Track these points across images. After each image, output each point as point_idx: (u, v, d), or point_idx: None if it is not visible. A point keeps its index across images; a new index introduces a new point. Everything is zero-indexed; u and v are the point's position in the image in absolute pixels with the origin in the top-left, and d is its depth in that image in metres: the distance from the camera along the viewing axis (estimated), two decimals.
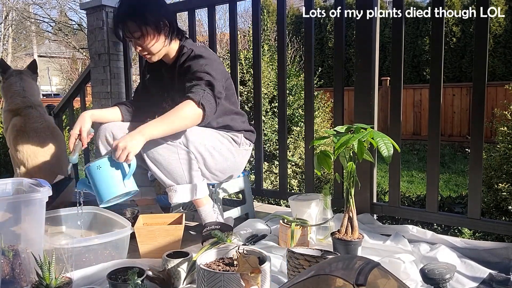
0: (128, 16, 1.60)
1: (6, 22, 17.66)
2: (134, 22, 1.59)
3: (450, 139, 7.73)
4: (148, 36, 1.62)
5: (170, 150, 1.59)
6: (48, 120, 2.24)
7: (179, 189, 1.62)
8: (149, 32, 1.62)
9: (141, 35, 1.61)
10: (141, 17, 1.59)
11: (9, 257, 1.22)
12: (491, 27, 8.34)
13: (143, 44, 1.63)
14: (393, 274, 0.89)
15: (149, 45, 1.64)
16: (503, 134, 2.42)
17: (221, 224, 1.63)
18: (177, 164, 1.61)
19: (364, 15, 1.77)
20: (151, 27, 1.61)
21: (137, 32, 1.61)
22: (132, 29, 1.60)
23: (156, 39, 1.64)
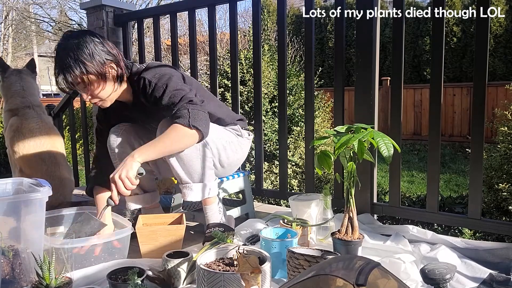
0: (65, 69, 1.44)
1: (6, 21, 17.66)
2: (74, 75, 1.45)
3: (451, 139, 7.73)
4: (97, 84, 1.50)
5: (194, 147, 1.54)
6: (45, 120, 2.23)
7: (194, 188, 1.60)
8: (93, 80, 1.48)
9: (86, 86, 1.49)
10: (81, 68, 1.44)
11: (9, 257, 1.22)
12: (491, 27, 8.33)
13: (91, 93, 1.51)
14: (393, 274, 0.89)
15: (98, 92, 1.52)
16: (504, 134, 2.42)
17: (224, 226, 1.63)
18: (198, 161, 1.57)
19: (364, 15, 1.77)
20: (96, 75, 1.48)
21: (80, 84, 1.48)
22: (75, 81, 1.46)
23: (105, 85, 1.51)
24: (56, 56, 1.48)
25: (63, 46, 1.48)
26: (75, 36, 1.50)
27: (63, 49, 1.47)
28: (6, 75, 2.28)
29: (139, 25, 2.78)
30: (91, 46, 1.47)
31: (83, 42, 1.47)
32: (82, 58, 1.45)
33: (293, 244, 1.37)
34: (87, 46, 1.47)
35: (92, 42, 1.48)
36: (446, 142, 7.62)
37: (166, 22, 9.53)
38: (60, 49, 1.48)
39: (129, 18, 2.83)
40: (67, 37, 1.51)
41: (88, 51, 1.46)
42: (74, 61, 1.44)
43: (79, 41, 1.47)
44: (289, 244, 1.35)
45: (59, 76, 1.46)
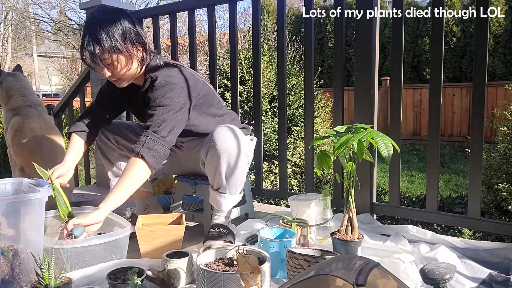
0: (97, 43, 1.45)
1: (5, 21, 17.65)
2: (103, 50, 1.46)
3: (450, 139, 7.74)
4: (120, 64, 1.51)
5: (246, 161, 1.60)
6: (47, 120, 2.23)
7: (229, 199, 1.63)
8: (120, 60, 1.50)
9: (111, 63, 1.50)
10: (112, 44, 1.46)
11: (8, 257, 1.22)
12: (491, 27, 8.34)
13: (113, 70, 1.53)
14: (393, 274, 0.89)
15: (119, 72, 1.53)
16: (503, 134, 2.42)
17: (226, 228, 1.63)
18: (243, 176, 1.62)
19: (364, 15, 1.77)
20: (121, 54, 1.49)
21: (106, 60, 1.49)
22: (102, 56, 1.47)
23: (127, 66, 1.53)
24: (88, 27, 1.49)
25: (97, 18, 1.49)
26: (110, 12, 1.52)
27: (98, 22, 1.48)
28: (2, 77, 2.28)
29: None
30: (125, 25, 1.49)
31: (118, 20, 1.48)
32: (116, 35, 1.46)
33: (291, 244, 1.37)
34: (121, 24, 1.48)
35: (126, 22, 1.50)
36: (445, 142, 7.62)
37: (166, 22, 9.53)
38: (93, 21, 1.50)
39: None
40: (102, 10, 1.52)
41: (122, 29, 1.48)
42: (106, 35, 1.45)
43: (114, 18, 1.49)
44: (287, 244, 1.36)
45: (88, 46, 1.46)
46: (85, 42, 1.48)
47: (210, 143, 1.55)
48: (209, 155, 1.57)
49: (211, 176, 1.62)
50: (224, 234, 1.60)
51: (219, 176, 1.57)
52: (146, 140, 1.46)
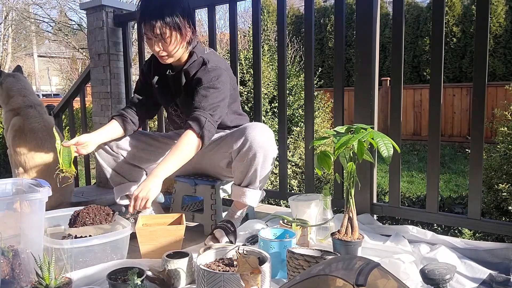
0: (159, 16, 1.55)
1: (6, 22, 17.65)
2: (164, 24, 1.55)
3: (450, 139, 7.74)
4: (175, 40, 1.59)
5: (273, 158, 1.63)
6: (47, 120, 2.23)
7: (257, 193, 1.68)
8: (176, 36, 1.59)
9: (168, 37, 1.58)
10: (173, 19, 1.56)
11: (8, 257, 1.22)
12: (491, 27, 8.34)
13: (166, 46, 1.60)
14: (393, 274, 0.89)
15: (171, 48, 1.61)
16: (503, 135, 2.42)
17: (233, 226, 1.65)
18: (270, 170, 1.67)
19: (364, 15, 1.77)
20: (179, 31, 1.59)
21: (165, 34, 1.57)
22: (160, 31, 1.56)
23: (180, 44, 1.62)
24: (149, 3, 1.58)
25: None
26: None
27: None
28: (2, 78, 2.28)
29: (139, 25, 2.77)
30: (185, 5, 1.62)
31: (180, 1, 1.61)
32: (178, 12, 1.57)
33: (291, 245, 1.37)
34: (183, 6, 1.61)
35: (185, 3, 1.63)
36: (446, 142, 7.62)
37: None
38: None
39: (128, 18, 2.83)
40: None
41: (182, 8, 1.60)
42: (169, 11, 1.55)
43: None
44: (287, 244, 1.36)
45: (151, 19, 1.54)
46: (146, 15, 1.56)
47: (245, 139, 1.58)
48: (243, 152, 1.59)
49: (241, 172, 1.64)
50: (230, 231, 1.62)
51: (254, 172, 1.61)
52: (206, 122, 1.56)
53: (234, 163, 1.65)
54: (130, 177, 1.86)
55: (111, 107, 2.86)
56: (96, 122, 2.98)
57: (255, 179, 1.63)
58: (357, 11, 1.80)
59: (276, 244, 1.36)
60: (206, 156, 1.80)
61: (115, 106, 2.87)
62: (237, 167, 1.65)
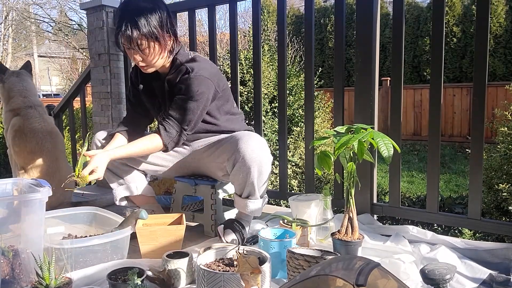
0: (135, 27, 1.50)
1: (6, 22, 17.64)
2: (141, 35, 1.51)
3: (451, 139, 7.74)
4: (153, 51, 1.56)
5: (270, 165, 1.63)
6: (47, 120, 2.23)
7: (258, 202, 1.66)
8: (154, 47, 1.55)
9: (146, 48, 1.54)
10: (150, 30, 1.51)
11: (9, 257, 1.22)
12: (491, 27, 8.34)
13: (145, 57, 1.57)
14: (393, 274, 0.89)
15: (150, 59, 1.58)
16: (504, 135, 2.42)
17: (240, 224, 1.66)
18: (267, 178, 1.65)
19: (364, 15, 1.77)
20: (157, 42, 1.55)
21: (141, 45, 1.53)
22: (137, 42, 1.52)
23: (159, 54, 1.58)
24: (126, 11, 1.54)
25: (135, 4, 1.54)
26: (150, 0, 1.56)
27: (136, 7, 1.53)
28: (5, 76, 2.28)
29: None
30: (162, 13, 1.55)
31: (156, 7, 1.54)
32: (154, 23, 1.52)
33: (291, 245, 1.37)
34: (159, 12, 1.54)
35: (163, 11, 1.56)
36: (446, 142, 7.62)
37: None
38: (132, 6, 1.54)
39: None
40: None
41: (159, 17, 1.54)
42: (145, 21, 1.51)
43: (153, 5, 1.54)
44: (288, 245, 1.36)
45: (126, 30, 1.51)
46: (122, 26, 1.52)
47: (237, 155, 1.55)
48: (237, 167, 1.57)
49: (239, 185, 1.63)
50: (238, 229, 1.62)
51: (251, 185, 1.60)
52: (176, 136, 1.61)
53: (231, 176, 1.63)
54: (129, 178, 1.86)
55: (111, 107, 2.86)
56: (96, 122, 2.98)
57: (254, 190, 1.61)
58: (357, 11, 1.80)
59: (276, 244, 1.36)
60: (202, 164, 1.80)
61: (115, 106, 2.87)
62: (234, 180, 1.63)
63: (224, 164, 1.66)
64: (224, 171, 1.69)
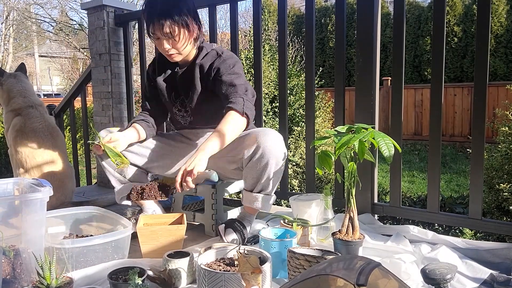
0: (167, 15, 1.58)
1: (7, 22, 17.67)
2: (173, 22, 1.58)
3: (452, 139, 7.73)
4: (183, 37, 1.63)
5: (283, 162, 1.62)
6: (48, 120, 2.24)
7: (271, 199, 1.67)
8: (185, 33, 1.63)
9: (177, 35, 1.61)
10: (181, 17, 1.59)
11: (10, 257, 1.22)
12: (492, 27, 8.33)
13: (176, 44, 1.63)
14: (394, 274, 0.89)
15: (180, 45, 1.64)
16: (505, 134, 2.42)
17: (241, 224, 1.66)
18: (282, 174, 1.66)
19: (365, 15, 1.77)
20: (187, 28, 1.62)
21: (174, 32, 1.60)
22: (169, 29, 1.59)
23: (188, 40, 1.65)
24: (155, 3, 1.60)
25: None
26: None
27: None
28: (4, 78, 2.29)
29: (140, 25, 2.78)
30: (190, 2, 1.66)
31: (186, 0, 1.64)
32: (185, 10, 1.61)
33: (292, 244, 1.37)
34: (189, 4, 1.64)
35: (191, 3, 1.66)
36: (447, 142, 7.62)
37: None
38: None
39: (129, 18, 2.83)
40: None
41: (190, 6, 1.64)
42: (177, 9, 1.59)
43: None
44: (288, 244, 1.36)
45: (160, 18, 1.57)
46: (154, 14, 1.59)
47: (256, 147, 1.56)
48: (255, 159, 1.58)
49: (253, 179, 1.63)
50: (239, 229, 1.62)
51: (267, 179, 1.60)
52: (245, 101, 1.59)
53: (246, 170, 1.63)
54: (131, 178, 1.86)
55: (112, 106, 2.86)
56: (97, 122, 2.98)
57: (268, 185, 1.63)
58: (358, 10, 1.80)
59: (277, 244, 1.36)
60: (212, 158, 1.80)
61: (116, 106, 2.88)
62: (249, 174, 1.63)
63: (239, 157, 1.66)
64: (238, 164, 1.69)
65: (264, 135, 1.57)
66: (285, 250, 1.32)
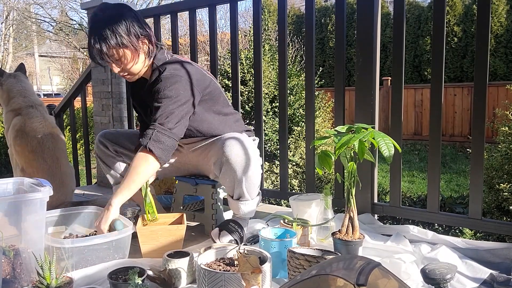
0: (103, 40, 1.47)
1: (7, 21, 17.68)
2: (109, 47, 1.48)
3: (451, 139, 7.73)
4: (127, 58, 1.53)
5: (259, 165, 1.59)
6: (48, 120, 2.24)
7: (251, 203, 1.66)
8: (128, 54, 1.52)
9: (119, 58, 1.52)
10: (117, 40, 1.47)
11: (10, 257, 1.22)
12: (492, 27, 8.33)
13: (124, 66, 1.55)
14: (394, 274, 0.89)
15: (128, 67, 1.55)
16: (505, 134, 2.42)
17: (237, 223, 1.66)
18: (258, 179, 1.63)
19: (365, 15, 1.77)
20: (130, 48, 1.52)
21: (113, 56, 1.51)
22: (108, 54, 1.49)
23: (134, 60, 1.54)
24: (92, 26, 1.51)
25: (100, 16, 1.51)
26: (112, 8, 1.53)
27: (101, 20, 1.50)
28: (3, 78, 2.29)
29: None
30: (128, 20, 1.51)
31: (120, 15, 1.50)
32: (120, 31, 1.48)
33: (292, 244, 1.37)
34: (125, 20, 1.50)
35: (129, 17, 1.51)
36: (447, 142, 7.62)
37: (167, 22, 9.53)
38: (97, 19, 1.51)
39: None
40: (104, 8, 1.53)
41: (125, 25, 1.50)
42: (111, 32, 1.47)
43: (117, 13, 1.50)
44: (288, 244, 1.36)
45: (95, 45, 1.48)
46: (91, 41, 1.50)
47: (222, 159, 1.55)
48: (223, 170, 1.57)
49: (229, 188, 1.63)
50: (234, 229, 1.62)
51: (239, 187, 1.59)
52: (153, 133, 1.47)
53: (220, 179, 1.63)
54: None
55: (112, 106, 2.86)
56: (97, 122, 2.98)
57: (243, 192, 1.61)
58: (358, 10, 1.80)
59: (277, 243, 1.36)
60: (199, 165, 1.82)
61: (116, 106, 2.88)
62: (223, 182, 1.64)
63: (212, 168, 1.65)
64: (214, 172, 1.68)
65: (228, 146, 1.53)
66: (285, 250, 1.32)
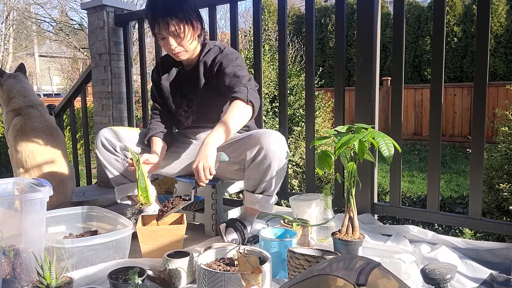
0: (172, 13, 1.59)
1: (7, 21, 17.66)
2: (177, 20, 1.59)
3: (451, 139, 7.73)
4: (188, 33, 1.64)
5: (285, 163, 1.61)
6: (48, 119, 2.24)
7: (272, 200, 1.67)
8: (189, 30, 1.64)
9: (182, 32, 1.62)
10: (184, 14, 1.60)
11: (10, 257, 1.22)
12: (492, 27, 8.33)
13: (181, 41, 1.64)
14: (393, 274, 0.89)
15: (185, 42, 1.65)
16: (504, 134, 2.42)
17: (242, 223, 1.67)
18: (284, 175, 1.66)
19: (365, 15, 1.77)
20: (191, 25, 1.64)
21: (179, 29, 1.61)
22: (175, 27, 1.60)
23: (193, 37, 1.66)
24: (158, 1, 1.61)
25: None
26: None
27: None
28: (3, 79, 2.29)
29: (140, 25, 2.78)
30: (193, 3, 1.67)
31: None
32: (189, 8, 1.63)
33: (292, 244, 1.37)
34: (191, 2, 1.65)
35: (193, 1, 1.68)
36: (446, 142, 7.62)
37: None
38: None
39: (129, 18, 2.83)
40: None
41: (192, 5, 1.66)
42: (182, 7, 1.60)
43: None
44: (288, 244, 1.36)
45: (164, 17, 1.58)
46: (158, 13, 1.59)
47: (259, 148, 1.56)
48: (258, 160, 1.58)
49: (256, 180, 1.63)
50: (239, 228, 1.63)
51: (269, 180, 1.60)
52: (248, 90, 1.57)
53: (248, 171, 1.63)
54: (132, 178, 1.86)
55: (112, 106, 2.86)
56: (97, 122, 2.98)
57: (271, 186, 1.62)
58: (358, 10, 1.81)
59: (277, 243, 1.36)
60: None
61: (116, 106, 2.88)
62: (251, 175, 1.63)
63: (241, 158, 1.65)
64: (240, 165, 1.68)
65: (266, 136, 1.57)
66: (285, 250, 1.32)
